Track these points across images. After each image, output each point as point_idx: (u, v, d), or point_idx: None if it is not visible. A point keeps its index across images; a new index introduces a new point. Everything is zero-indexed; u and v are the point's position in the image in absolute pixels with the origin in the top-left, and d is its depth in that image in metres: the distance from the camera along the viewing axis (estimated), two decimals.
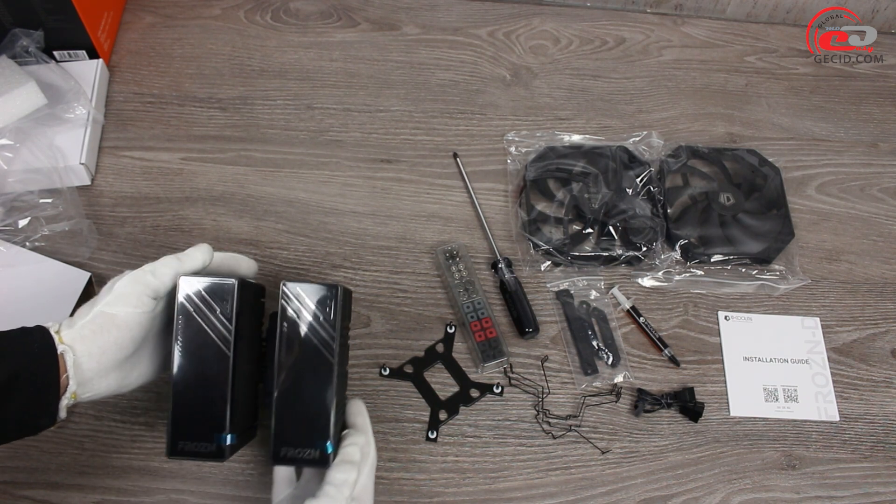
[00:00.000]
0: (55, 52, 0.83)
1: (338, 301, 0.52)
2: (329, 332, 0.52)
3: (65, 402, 0.48)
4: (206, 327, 0.51)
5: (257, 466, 0.64)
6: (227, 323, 0.51)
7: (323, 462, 0.51)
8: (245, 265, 0.60)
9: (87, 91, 0.80)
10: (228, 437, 0.51)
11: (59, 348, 0.47)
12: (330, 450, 0.51)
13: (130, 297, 0.50)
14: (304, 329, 0.52)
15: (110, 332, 0.49)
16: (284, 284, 0.52)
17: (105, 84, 0.85)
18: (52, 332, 0.48)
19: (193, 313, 0.51)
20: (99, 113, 0.81)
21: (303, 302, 0.52)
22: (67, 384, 0.47)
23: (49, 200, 0.74)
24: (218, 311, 0.51)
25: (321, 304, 0.52)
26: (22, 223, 0.73)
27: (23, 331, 0.48)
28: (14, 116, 0.75)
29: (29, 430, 0.48)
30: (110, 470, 0.64)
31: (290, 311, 0.52)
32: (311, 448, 0.51)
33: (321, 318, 0.52)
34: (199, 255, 0.54)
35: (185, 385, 0.51)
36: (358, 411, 0.57)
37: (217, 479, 0.64)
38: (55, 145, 0.76)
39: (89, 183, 0.78)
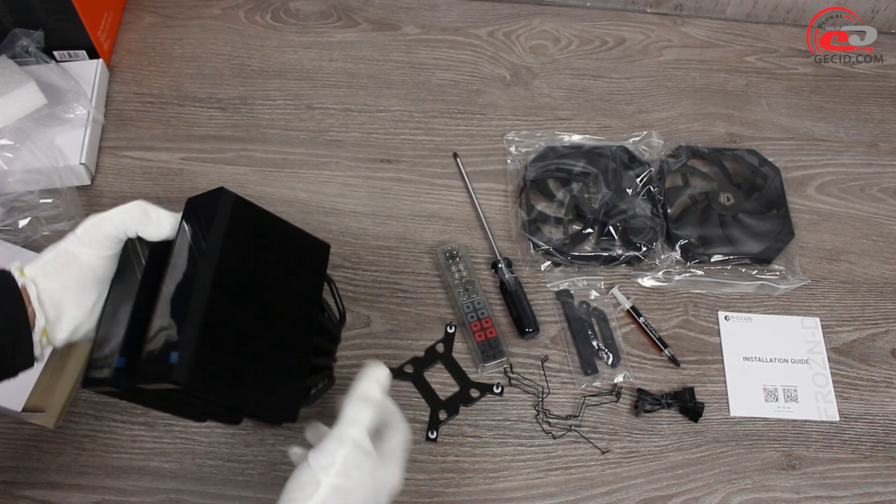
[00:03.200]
0: (55, 52, 0.83)
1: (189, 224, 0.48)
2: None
3: (37, 338, 0.47)
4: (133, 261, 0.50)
5: (257, 466, 0.64)
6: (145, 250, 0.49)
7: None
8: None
9: (87, 91, 0.80)
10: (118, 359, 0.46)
11: (21, 281, 0.46)
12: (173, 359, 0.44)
13: (93, 240, 0.49)
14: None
15: (72, 271, 0.48)
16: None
17: (105, 84, 0.85)
18: (14, 269, 0.47)
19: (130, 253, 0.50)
20: (99, 113, 0.81)
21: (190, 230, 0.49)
22: (34, 318, 0.47)
23: (49, 200, 0.74)
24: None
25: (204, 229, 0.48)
26: (22, 223, 0.73)
27: None
28: (14, 116, 0.75)
29: (7, 371, 0.46)
30: (110, 470, 0.64)
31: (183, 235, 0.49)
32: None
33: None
34: (166, 224, 0.50)
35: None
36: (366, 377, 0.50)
37: (217, 479, 0.64)
38: (55, 145, 0.76)
39: (89, 183, 0.78)
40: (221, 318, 0.45)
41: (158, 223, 0.50)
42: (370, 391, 0.48)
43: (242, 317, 0.47)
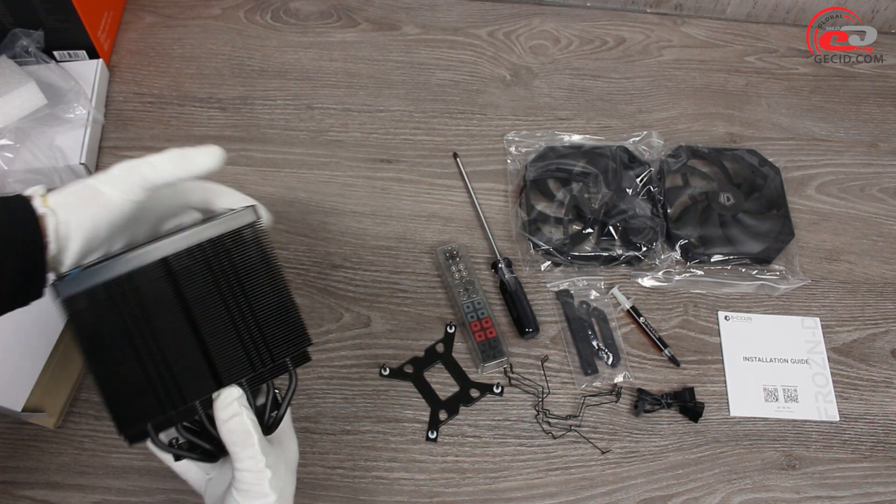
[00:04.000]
0: (55, 52, 0.83)
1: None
2: None
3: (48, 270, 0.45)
4: None
5: None
6: None
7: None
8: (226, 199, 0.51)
9: (87, 91, 0.80)
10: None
11: (41, 210, 0.45)
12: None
13: (123, 181, 0.47)
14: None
15: (90, 207, 0.47)
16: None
17: (105, 84, 0.85)
18: (38, 196, 0.46)
19: None
20: (99, 113, 0.81)
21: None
22: (48, 251, 0.45)
23: None
24: None
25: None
26: None
27: (1, 200, 0.46)
28: (14, 116, 0.75)
29: (20, 300, 0.45)
30: (110, 470, 0.64)
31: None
32: None
33: None
34: (204, 159, 0.47)
35: None
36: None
37: None
38: (55, 145, 0.76)
39: None
40: (142, 286, 0.45)
41: (197, 162, 0.47)
42: (240, 423, 0.45)
43: (161, 303, 0.45)
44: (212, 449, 0.48)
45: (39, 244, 0.45)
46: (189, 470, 0.50)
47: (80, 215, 0.47)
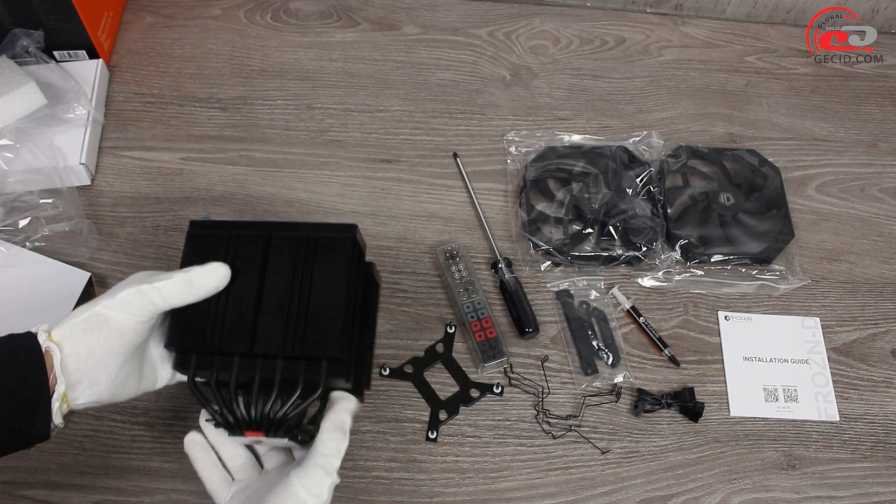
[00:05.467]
0: (55, 52, 0.83)
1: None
2: None
3: (56, 405, 0.46)
4: None
5: None
6: None
7: None
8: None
9: (87, 91, 0.80)
10: None
11: (46, 345, 0.46)
12: None
13: (131, 305, 0.49)
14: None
15: (100, 332, 0.48)
16: None
17: (105, 84, 0.85)
18: (42, 331, 0.46)
19: None
20: (99, 113, 0.81)
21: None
22: (55, 385, 0.46)
23: (49, 200, 0.74)
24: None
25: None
26: (22, 223, 0.73)
27: (9, 338, 0.47)
28: (14, 116, 0.75)
29: (23, 441, 0.46)
30: (110, 470, 0.64)
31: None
32: None
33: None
34: (212, 281, 0.51)
35: None
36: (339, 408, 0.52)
37: None
38: (55, 145, 0.76)
39: (89, 183, 0.78)
40: (243, 243, 0.54)
41: (203, 284, 0.51)
42: (344, 421, 0.51)
43: (248, 260, 0.54)
44: (232, 422, 0.52)
45: (43, 384, 0.45)
46: (212, 475, 0.54)
47: (89, 342, 0.47)
